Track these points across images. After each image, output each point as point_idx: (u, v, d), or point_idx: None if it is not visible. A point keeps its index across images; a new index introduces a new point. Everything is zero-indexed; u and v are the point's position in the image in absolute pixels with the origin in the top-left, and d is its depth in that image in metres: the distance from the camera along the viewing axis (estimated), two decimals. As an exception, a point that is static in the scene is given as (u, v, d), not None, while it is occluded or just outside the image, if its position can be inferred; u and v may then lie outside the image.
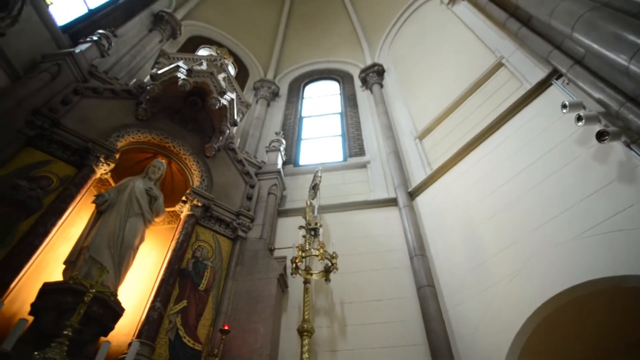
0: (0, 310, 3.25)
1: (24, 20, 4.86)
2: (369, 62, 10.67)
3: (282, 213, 6.74)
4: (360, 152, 8.17)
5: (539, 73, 5.14)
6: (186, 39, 10.79)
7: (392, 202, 6.51)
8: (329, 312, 5.10)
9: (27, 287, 3.94)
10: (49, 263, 4.34)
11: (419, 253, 5.44)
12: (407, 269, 5.39)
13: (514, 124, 5.14)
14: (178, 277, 4.79)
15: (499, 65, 6.10)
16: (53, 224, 4.27)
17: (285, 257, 5.57)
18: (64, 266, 4.26)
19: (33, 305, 3.71)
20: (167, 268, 4.74)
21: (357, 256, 5.65)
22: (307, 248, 4.99)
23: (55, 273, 4.23)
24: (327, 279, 4.80)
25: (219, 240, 5.66)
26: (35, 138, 4.82)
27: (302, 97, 11.08)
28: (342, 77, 11.42)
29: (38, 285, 3.85)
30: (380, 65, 10.38)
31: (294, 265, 4.79)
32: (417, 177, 6.65)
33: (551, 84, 4.87)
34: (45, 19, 6.10)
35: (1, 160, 4.41)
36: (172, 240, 5.21)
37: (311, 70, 12.11)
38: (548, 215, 4.04)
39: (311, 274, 4.86)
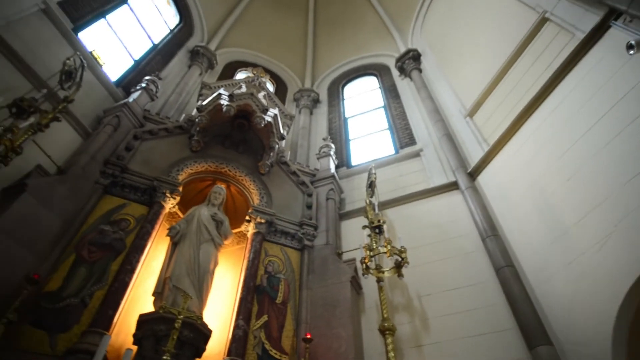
0: (109, 342, 3.60)
1: (85, 83, 5.39)
2: (402, 50, 10.44)
3: (344, 216, 6.76)
4: (411, 141, 7.98)
5: (592, 18, 4.66)
6: (223, 66, 11.34)
7: (452, 186, 6.27)
8: (408, 307, 4.99)
9: (127, 320, 4.36)
10: (140, 296, 4.75)
11: (491, 234, 5.16)
12: (481, 252, 5.14)
13: (574, 77, 4.68)
14: (255, 294, 4.97)
15: (543, 21, 5.64)
16: (137, 261, 4.68)
17: (354, 259, 5.57)
18: (153, 297, 4.63)
19: (134, 335, 4.08)
20: (243, 286, 4.95)
21: (426, 247, 5.50)
22: (374, 247, 4.95)
23: (147, 304, 4.60)
24: (400, 275, 4.71)
25: (287, 252, 5.79)
26: (110, 185, 5.32)
27: (343, 99, 11.08)
28: (378, 71, 11.27)
29: (135, 317, 4.21)
30: (415, 50, 10.10)
31: (364, 265, 4.76)
32: (474, 156, 6.34)
33: (609, 27, 4.40)
34: (101, 78, 6.75)
35: (87, 210, 4.92)
36: (243, 260, 5.43)
37: (347, 70, 12.11)
38: (638, 167, 3.56)
39: (383, 272, 4.81)
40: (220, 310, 5.05)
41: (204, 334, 4.23)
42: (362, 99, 10.81)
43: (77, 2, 6.89)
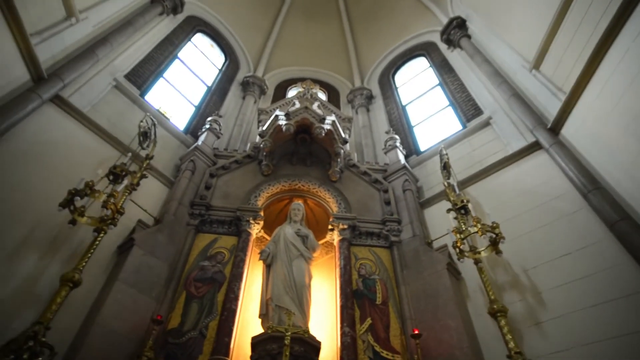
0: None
1: (159, 138, 5.98)
2: (445, 21, 9.92)
3: (425, 204, 6.55)
4: (477, 112, 7.52)
5: None
6: (273, 88, 11.82)
7: (534, 147, 5.75)
8: (515, 284, 4.64)
9: (242, 344, 4.68)
10: (249, 321, 5.08)
11: (592, 188, 4.63)
12: (585, 210, 4.62)
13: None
14: (354, 299, 5.00)
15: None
16: (239, 288, 5.01)
17: (445, 246, 5.36)
18: (260, 320, 4.90)
19: (251, 357, 4.33)
20: (341, 294, 5.02)
21: (520, 217, 5.10)
22: (463, 228, 4.72)
23: (256, 327, 4.87)
24: (498, 252, 4.40)
25: (377, 252, 5.74)
26: (200, 224, 5.80)
27: (396, 88, 10.84)
28: (425, 50, 10.84)
29: (248, 341, 4.49)
30: (458, 18, 9.53)
31: (457, 250, 4.56)
32: (551, 109, 5.75)
33: None
34: (171, 130, 7.42)
35: (186, 251, 5.41)
36: (335, 268, 5.50)
37: (393, 58, 11.84)
38: None
39: (479, 253, 4.54)
40: (324, 320, 5.18)
41: (314, 346, 4.35)
42: (416, 82, 10.48)
43: (139, 70, 7.70)
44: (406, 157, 7.64)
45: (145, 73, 7.83)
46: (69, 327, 4.13)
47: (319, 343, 4.44)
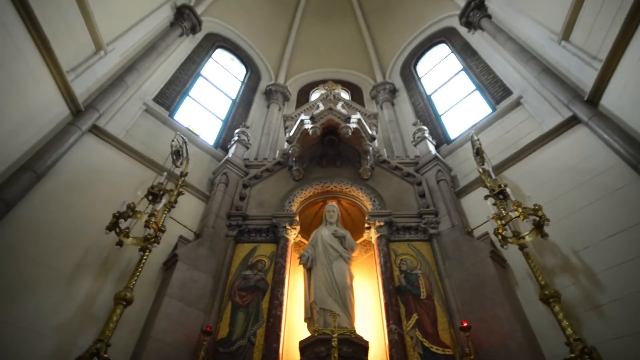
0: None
1: (191, 155, 6.18)
2: (463, 4, 9.63)
3: (461, 193, 6.38)
4: (506, 93, 7.25)
5: None
6: (296, 94, 11.94)
7: (571, 122, 5.47)
8: (566, 267, 4.42)
9: (290, 349, 4.73)
10: (295, 325, 5.14)
11: (643, 157, 4.35)
12: (637, 182, 4.34)
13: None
14: (397, 296, 4.94)
15: None
16: (282, 294, 5.07)
17: (487, 234, 5.19)
18: (306, 324, 4.94)
19: (301, 361, 4.39)
20: (384, 291, 4.97)
21: (563, 197, 4.86)
22: (503, 214, 4.55)
23: (303, 331, 4.91)
24: (544, 235, 4.20)
25: (416, 246, 5.65)
26: (238, 235, 5.94)
27: (419, 78, 10.65)
28: (444, 36, 10.59)
29: (296, 345, 4.54)
30: (476, -2, 9.24)
31: (500, 236, 4.40)
32: (586, 79, 5.45)
33: None
34: (202, 146, 7.64)
35: (227, 262, 5.54)
36: (376, 266, 5.46)
37: (412, 49, 11.64)
38: None
39: (523, 237, 4.36)
40: (370, 319, 5.15)
41: (362, 346, 4.33)
42: (438, 70, 10.25)
43: (165, 92, 7.99)
44: (436, 147, 7.50)
45: (171, 94, 8.12)
46: (127, 343, 4.34)
47: (367, 342, 4.42)
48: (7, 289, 3.97)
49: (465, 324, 4.18)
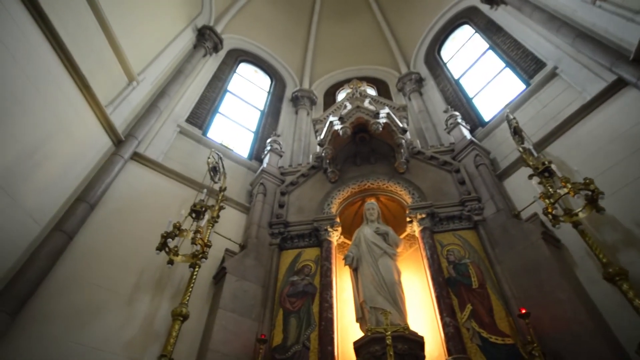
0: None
1: (228, 170, 6.34)
2: (482, -20, 9.30)
3: (502, 175, 6.14)
4: (539, 65, 6.89)
5: None
6: (323, 96, 11.95)
7: (617, 85, 5.10)
8: (630, 241, 4.10)
9: (345, 351, 4.73)
10: (347, 327, 5.13)
11: None
12: (699, 140, 4.00)
13: None
14: (448, 287, 4.82)
15: None
16: (331, 296, 5.10)
17: (535, 214, 4.95)
18: (358, 324, 4.92)
19: (356, 362, 4.37)
20: (433, 284, 4.87)
21: (617, 167, 4.53)
22: (551, 192, 4.33)
23: (356, 332, 4.89)
24: (599, 209, 3.91)
25: (462, 235, 5.49)
26: (282, 242, 6.04)
27: (444, 64, 10.37)
28: (466, 16, 10.23)
29: (350, 346, 4.53)
30: (496, -28, 8.88)
31: (550, 216, 4.19)
32: (629, 37, 5.07)
33: None
34: (237, 160, 7.81)
35: (274, 270, 5.65)
36: (422, 259, 5.36)
37: (434, 35, 11.33)
38: None
39: (576, 215, 4.12)
40: (422, 314, 5.04)
41: (417, 341, 4.26)
42: (464, 53, 9.93)
43: (196, 112, 8.28)
44: (471, 131, 7.27)
45: (202, 113, 8.39)
46: (188, 356, 4.55)
47: (422, 338, 4.34)
48: (78, 313, 4.30)
49: (523, 311, 4.00)
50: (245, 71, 11.32)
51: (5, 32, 4.19)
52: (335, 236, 5.98)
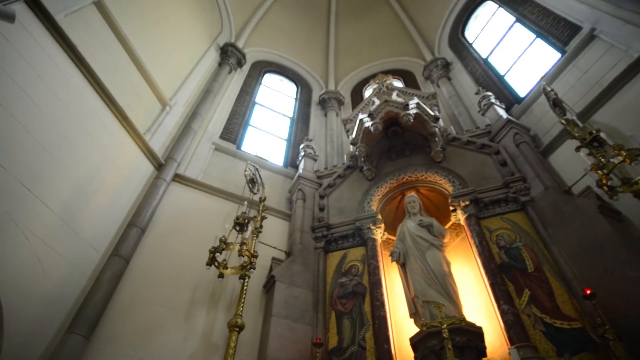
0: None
1: (266, 180, 6.48)
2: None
3: (546, 151, 5.83)
4: (573, 30, 6.44)
5: None
6: (349, 95, 11.90)
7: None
8: None
9: (402, 347, 4.65)
10: (401, 323, 5.05)
11: None
12: None
13: None
14: (502, 274, 4.63)
15: None
16: (382, 294, 5.05)
17: (588, 188, 4.65)
18: (412, 319, 4.83)
19: (415, 358, 4.29)
20: (486, 272, 4.69)
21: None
22: (603, 162, 4.04)
23: (412, 327, 4.81)
24: (661, 174, 3.65)
25: (510, 218, 5.27)
26: (326, 245, 6.07)
27: (470, 44, 10.00)
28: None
29: (407, 343, 4.46)
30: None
31: (605, 187, 3.91)
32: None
33: None
34: (273, 169, 7.94)
35: (322, 273, 5.67)
36: (471, 247, 5.19)
37: (455, 16, 10.92)
38: None
39: (636, 182, 3.82)
40: (478, 304, 4.86)
41: (475, 332, 4.12)
42: (489, 30, 9.54)
43: (229, 127, 8.52)
44: (507, 110, 6.99)
45: (234, 128, 8.62)
46: (248, 366, 4.65)
47: (480, 328, 4.19)
48: (143, 331, 4.55)
49: (588, 292, 3.74)
50: (270, 81, 11.52)
51: (53, 79, 4.61)
52: (379, 233, 5.92)
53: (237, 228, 5.19)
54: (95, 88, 5.25)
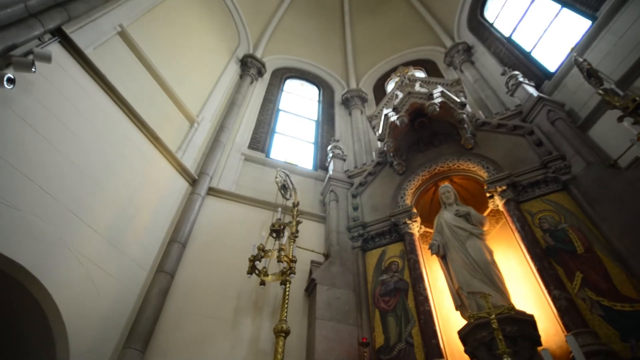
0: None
1: (297, 185, 6.54)
2: None
3: (585, 125, 5.54)
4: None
5: None
6: (372, 91, 11.81)
7: None
8: None
9: (451, 341, 4.54)
10: (448, 317, 4.93)
11: None
12: None
13: None
14: (549, 258, 4.42)
15: None
16: (424, 289, 4.96)
17: (637, 158, 4.39)
18: (458, 312, 4.71)
19: (465, 352, 4.18)
20: (531, 257, 4.50)
21: None
22: (653, 130, 3.81)
23: (459, 320, 4.68)
24: None
25: (552, 199, 5.03)
26: (363, 244, 6.05)
27: (491, 24, 9.64)
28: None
29: (455, 336, 4.36)
30: None
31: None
32: None
33: None
34: (304, 173, 8.00)
35: (362, 272, 5.66)
36: (513, 233, 4.99)
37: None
38: None
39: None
40: (526, 291, 4.66)
41: (527, 321, 3.96)
42: (510, 6, 9.15)
43: (255, 137, 8.67)
44: (537, 87, 6.70)
45: (261, 137, 8.75)
46: (298, 371, 4.70)
47: (531, 316, 4.02)
48: (194, 342, 4.71)
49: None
50: (292, 87, 11.62)
51: (89, 110, 4.92)
52: (416, 227, 5.83)
53: (274, 235, 5.27)
54: (127, 113, 5.51)
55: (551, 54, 7.30)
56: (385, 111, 6.74)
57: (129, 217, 5.06)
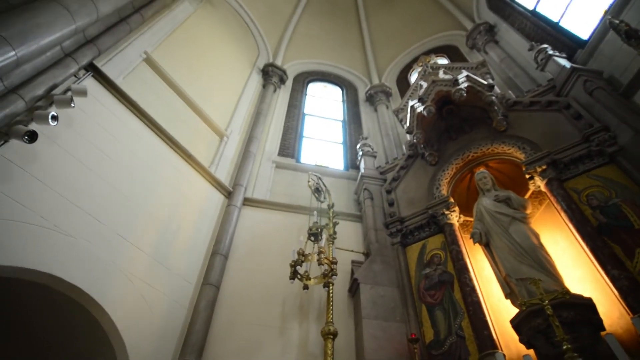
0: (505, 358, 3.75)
1: (330, 187, 6.56)
2: None
3: (629, 91, 5.16)
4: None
5: None
6: (395, 84, 11.67)
7: None
8: None
9: (504, 331, 4.40)
10: (499, 305, 4.77)
11: None
12: None
13: None
14: (602, 236, 4.17)
15: None
16: (470, 279, 4.83)
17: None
18: (509, 300, 4.53)
19: (520, 340, 4.04)
20: (582, 237, 4.26)
21: None
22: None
23: (510, 309, 4.52)
24: None
25: (599, 174, 4.74)
26: (402, 239, 5.97)
27: (512, 0, 9.28)
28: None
29: (508, 325, 4.21)
30: None
31: None
32: None
33: None
34: (335, 174, 7.99)
35: (403, 268, 5.59)
36: (559, 213, 4.76)
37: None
38: None
39: None
40: (581, 273, 4.42)
41: (584, 305, 3.75)
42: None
43: (284, 144, 8.78)
44: (569, 58, 6.36)
45: (290, 143, 8.84)
46: (349, 371, 4.69)
47: (589, 299, 3.81)
48: (244, 350, 4.84)
49: None
50: (315, 90, 11.68)
51: (124, 136, 5.20)
52: (455, 217, 5.69)
53: (312, 238, 5.30)
54: (159, 135, 5.76)
55: (582, 21, 6.94)
56: (410, 103, 6.64)
57: (171, 234, 5.26)
